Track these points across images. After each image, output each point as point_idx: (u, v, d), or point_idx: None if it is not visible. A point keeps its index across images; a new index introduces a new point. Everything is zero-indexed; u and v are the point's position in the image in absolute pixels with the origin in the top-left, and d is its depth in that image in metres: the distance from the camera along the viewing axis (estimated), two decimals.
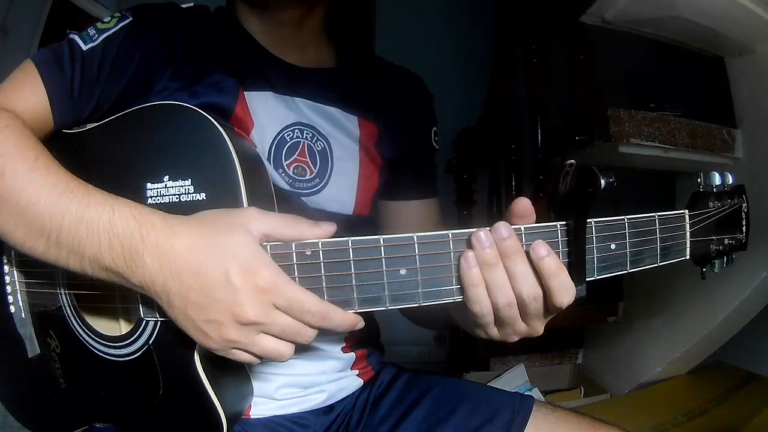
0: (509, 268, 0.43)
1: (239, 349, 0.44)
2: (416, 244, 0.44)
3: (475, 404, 0.64)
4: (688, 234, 0.49)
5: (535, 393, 1.49)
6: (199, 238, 0.43)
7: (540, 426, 0.62)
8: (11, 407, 0.66)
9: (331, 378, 0.67)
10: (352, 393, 0.70)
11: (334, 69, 0.70)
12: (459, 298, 0.45)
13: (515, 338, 0.47)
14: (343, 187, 0.65)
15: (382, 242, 0.43)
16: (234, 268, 0.42)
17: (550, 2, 1.63)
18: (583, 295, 0.45)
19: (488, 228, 0.43)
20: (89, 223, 0.44)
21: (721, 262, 0.53)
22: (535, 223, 0.45)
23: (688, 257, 0.50)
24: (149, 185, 0.50)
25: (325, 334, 0.66)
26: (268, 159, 0.62)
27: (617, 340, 1.57)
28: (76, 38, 0.58)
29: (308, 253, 0.44)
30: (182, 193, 0.49)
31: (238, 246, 0.42)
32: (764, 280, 1.19)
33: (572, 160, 0.44)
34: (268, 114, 0.63)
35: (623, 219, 0.47)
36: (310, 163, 0.64)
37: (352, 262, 0.44)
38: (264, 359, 0.45)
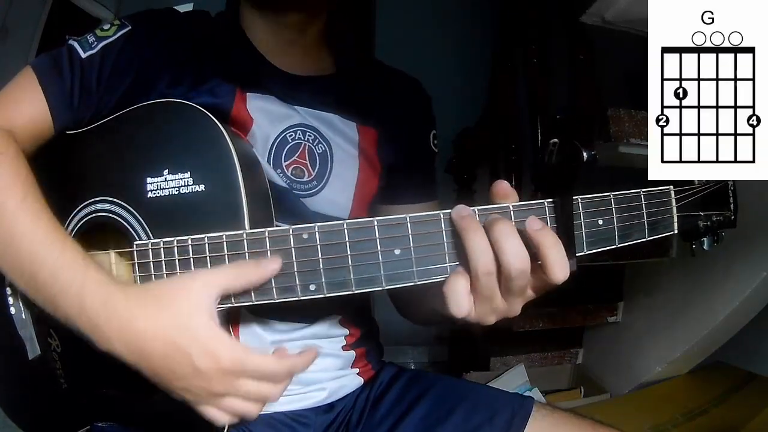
0: (498, 241, 0.42)
1: (211, 407, 0.47)
2: (409, 224, 0.45)
3: (474, 404, 0.64)
4: (674, 209, 0.50)
5: (535, 393, 1.49)
6: (162, 323, 0.44)
7: (539, 427, 0.62)
8: (11, 411, 0.65)
9: (331, 376, 0.68)
10: (353, 392, 0.70)
11: (333, 75, 0.70)
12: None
13: (492, 318, 0.46)
14: (340, 190, 0.66)
15: (376, 223, 0.45)
16: (196, 352, 0.44)
17: (550, 2, 1.63)
18: (575, 269, 0.45)
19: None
20: (62, 285, 0.46)
21: (711, 239, 0.53)
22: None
23: (676, 232, 0.51)
24: (149, 179, 0.51)
25: (326, 332, 0.67)
26: (268, 158, 0.62)
27: (617, 340, 1.57)
28: (76, 45, 0.59)
29: (305, 236, 0.45)
30: (182, 186, 0.50)
31: (197, 329, 0.44)
32: (764, 280, 1.19)
33: (555, 139, 0.45)
34: (270, 114, 0.63)
35: (608, 195, 0.47)
36: (309, 165, 0.64)
37: (347, 243, 0.45)
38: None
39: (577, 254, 0.45)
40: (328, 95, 0.67)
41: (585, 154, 0.43)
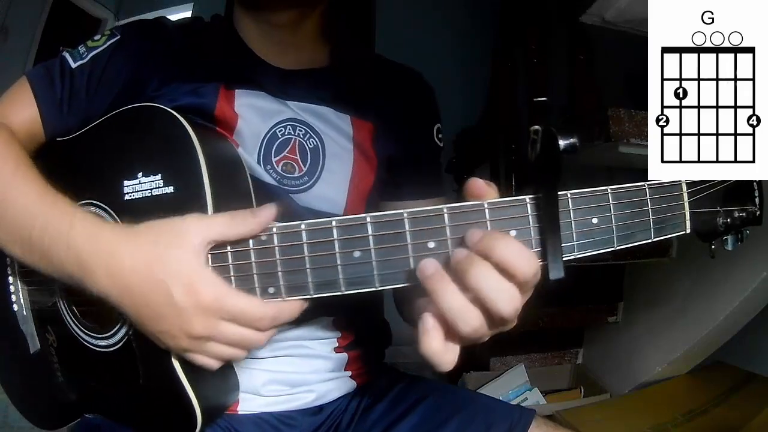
0: (478, 289, 0.37)
1: (195, 353, 0.46)
2: (369, 224, 0.41)
3: (470, 415, 0.62)
4: (686, 205, 0.44)
5: (535, 393, 1.49)
6: (145, 255, 0.44)
7: None
8: (17, 402, 0.68)
9: (320, 378, 0.66)
10: (345, 395, 0.69)
11: (328, 68, 0.69)
12: (418, 283, 0.41)
13: (485, 338, 0.41)
14: (333, 186, 0.65)
15: (334, 223, 0.42)
16: (176, 286, 0.43)
17: (550, 2, 1.63)
18: (561, 276, 0.39)
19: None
20: (52, 233, 0.47)
21: (735, 239, 0.47)
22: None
23: (688, 231, 0.44)
24: (126, 182, 0.52)
25: (316, 333, 0.66)
26: (258, 155, 0.62)
27: (617, 340, 1.57)
28: (67, 56, 0.62)
29: (263, 237, 0.44)
30: (154, 188, 0.51)
31: (179, 263, 0.43)
32: (764, 279, 1.19)
33: (537, 126, 0.40)
34: (260, 111, 0.63)
35: (606, 189, 0.42)
36: (299, 160, 0.64)
37: (305, 245, 0.43)
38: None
39: (565, 257, 0.40)
40: (321, 88, 0.66)
41: (562, 142, 0.37)
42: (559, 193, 0.40)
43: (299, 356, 0.65)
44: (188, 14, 2.19)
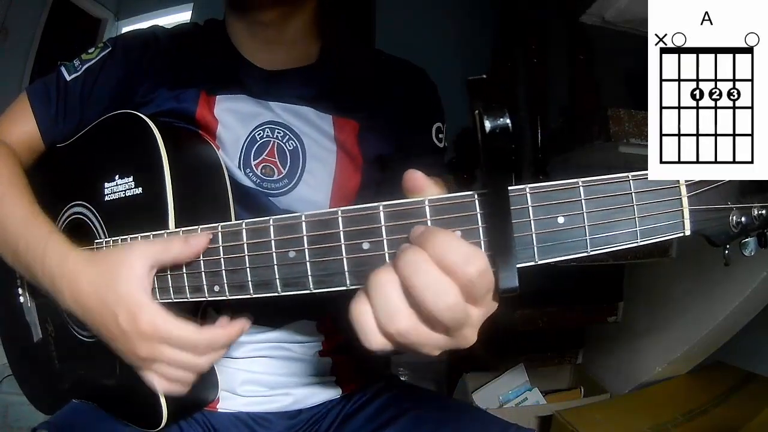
0: (407, 278, 0.32)
1: (147, 371, 0.49)
2: (303, 223, 0.40)
3: (457, 430, 0.59)
4: (685, 200, 0.36)
5: (535, 393, 1.49)
6: (99, 282, 0.48)
7: None
8: (25, 388, 0.73)
9: (300, 382, 0.66)
10: (328, 401, 0.67)
11: (314, 65, 0.68)
12: (353, 287, 0.38)
13: (435, 353, 0.36)
14: (315, 188, 0.64)
15: (272, 222, 0.41)
16: (121, 312, 0.47)
17: (550, 2, 1.63)
18: (514, 285, 0.33)
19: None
20: (33, 253, 0.53)
21: (757, 242, 0.39)
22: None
23: (688, 233, 0.36)
24: (106, 184, 0.57)
25: (297, 336, 0.65)
26: (239, 159, 0.63)
27: (617, 340, 1.57)
28: (63, 69, 0.66)
29: (210, 236, 0.45)
30: (127, 189, 0.55)
31: (123, 291, 0.47)
32: (764, 280, 1.19)
33: (479, 109, 0.33)
34: (240, 115, 0.64)
35: (576, 182, 0.35)
36: (278, 163, 0.64)
37: (245, 244, 0.43)
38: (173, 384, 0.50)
39: (523, 264, 0.34)
40: (304, 87, 0.66)
41: (488, 124, 0.31)
42: (515, 187, 0.35)
43: (278, 358, 0.64)
44: (188, 15, 2.20)
